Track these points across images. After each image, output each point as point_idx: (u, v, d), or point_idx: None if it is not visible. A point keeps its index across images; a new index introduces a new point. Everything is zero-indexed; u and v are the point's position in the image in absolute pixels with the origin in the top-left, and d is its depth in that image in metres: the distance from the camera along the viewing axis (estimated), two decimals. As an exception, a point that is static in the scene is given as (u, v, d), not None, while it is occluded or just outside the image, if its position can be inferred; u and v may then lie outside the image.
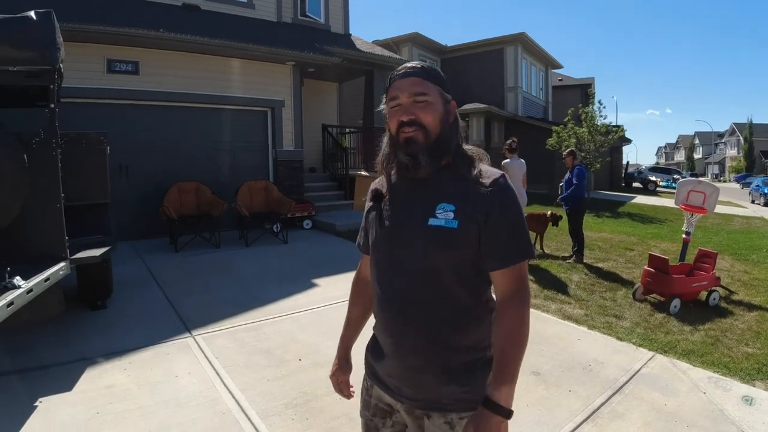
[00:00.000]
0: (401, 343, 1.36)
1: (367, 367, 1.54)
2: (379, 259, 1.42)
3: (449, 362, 1.32)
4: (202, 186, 8.65)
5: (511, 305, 1.29)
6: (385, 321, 1.40)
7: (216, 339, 4.27)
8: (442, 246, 1.28)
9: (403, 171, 1.37)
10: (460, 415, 1.33)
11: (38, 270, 3.63)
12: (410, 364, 1.35)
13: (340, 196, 11.88)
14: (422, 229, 1.30)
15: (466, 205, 1.29)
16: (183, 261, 7.16)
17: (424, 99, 1.32)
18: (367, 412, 1.55)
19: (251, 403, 3.22)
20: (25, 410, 3.10)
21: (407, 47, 20.26)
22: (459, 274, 1.31)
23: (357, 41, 13.09)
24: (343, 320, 1.77)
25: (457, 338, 1.32)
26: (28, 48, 3.82)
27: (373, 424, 1.53)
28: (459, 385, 1.32)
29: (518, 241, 1.31)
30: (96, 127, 6.19)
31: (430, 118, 1.32)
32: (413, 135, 1.31)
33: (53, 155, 4.00)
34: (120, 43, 8.27)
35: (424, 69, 1.37)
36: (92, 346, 4.09)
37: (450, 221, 1.28)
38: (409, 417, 1.41)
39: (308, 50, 10.31)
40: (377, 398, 1.50)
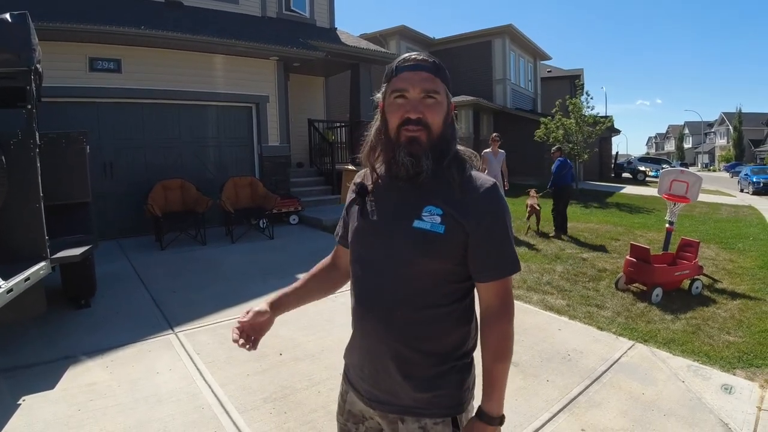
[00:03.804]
0: (375, 346, 1.33)
1: (345, 371, 1.52)
2: (360, 257, 1.38)
3: (424, 368, 1.30)
4: (187, 183, 8.64)
5: (497, 320, 1.29)
6: (360, 322, 1.37)
7: (198, 335, 4.30)
8: (426, 250, 1.25)
9: (397, 170, 1.29)
10: (434, 420, 1.31)
11: (18, 270, 3.64)
12: (384, 368, 1.32)
13: (327, 191, 11.90)
14: (406, 231, 1.26)
15: (454, 210, 1.25)
16: (168, 258, 7.16)
17: (434, 98, 1.26)
18: (341, 417, 1.53)
19: (230, 397, 3.26)
20: (8, 409, 3.12)
21: (395, 40, 20.24)
22: (440, 280, 1.28)
23: (343, 35, 13.06)
24: (323, 315, 1.75)
25: (433, 344, 1.30)
26: (3, 50, 3.83)
27: (346, 428, 1.52)
28: (433, 391, 1.30)
29: (507, 254, 1.29)
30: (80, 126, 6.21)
31: (437, 118, 1.26)
32: (417, 135, 1.25)
33: (31, 155, 4.00)
34: (102, 41, 8.20)
35: (435, 64, 1.29)
36: (75, 345, 4.11)
37: (436, 225, 1.24)
38: (383, 420, 1.39)
39: (292, 45, 10.27)
40: (350, 404, 1.48)
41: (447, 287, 1.30)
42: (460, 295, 1.32)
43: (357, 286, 1.39)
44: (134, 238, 8.43)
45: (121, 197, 8.50)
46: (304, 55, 10.47)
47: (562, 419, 3.06)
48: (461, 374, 1.35)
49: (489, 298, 1.30)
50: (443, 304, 1.29)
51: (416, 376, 1.30)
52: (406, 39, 20.78)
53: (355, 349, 1.43)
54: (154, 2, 9.99)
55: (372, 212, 1.36)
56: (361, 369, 1.40)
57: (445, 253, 1.26)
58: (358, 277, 1.39)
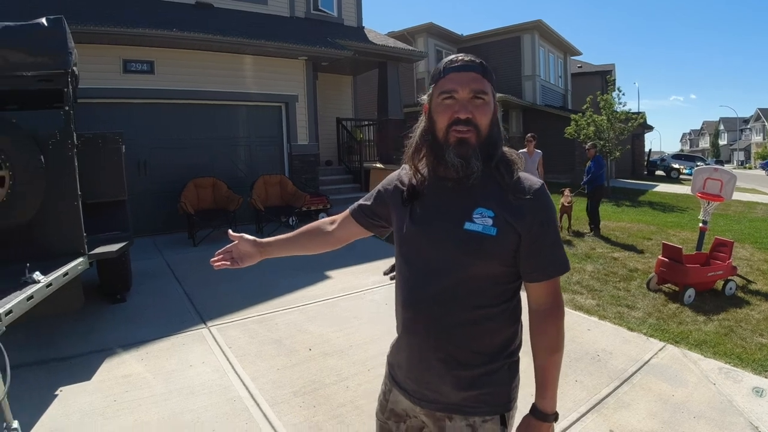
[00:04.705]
0: (424, 346, 1.34)
1: (388, 371, 1.54)
2: (408, 258, 1.39)
3: (473, 367, 1.31)
4: (219, 181, 8.82)
5: (549, 319, 1.33)
6: (409, 321, 1.38)
7: (229, 330, 4.40)
8: (478, 252, 1.26)
9: (446, 172, 1.30)
10: (483, 418, 1.33)
11: (57, 266, 3.77)
12: (432, 367, 1.34)
13: (355, 189, 11.96)
14: (457, 233, 1.27)
15: (505, 212, 1.26)
16: (200, 255, 7.29)
17: (482, 98, 1.27)
18: (382, 415, 1.55)
19: (261, 391, 3.33)
20: (46, 399, 3.26)
21: (422, 38, 20.16)
22: (490, 281, 1.29)
23: (370, 34, 13.09)
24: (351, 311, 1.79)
25: (482, 344, 1.32)
26: (41, 53, 3.97)
27: (387, 426, 1.54)
28: (481, 389, 1.32)
29: (558, 255, 1.32)
30: (115, 127, 6.39)
31: (486, 119, 1.27)
32: (467, 136, 1.25)
33: (69, 155, 4.14)
34: (135, 43, 8.45)
35: (482, 65, 1.30)
36: (111, 338, 4.25)
37: (488, 228, 1.25)
38: (430, 419, 1.41)
39: (320, 44, 10.35)
40: (394, 402, 1.49)
41: (497, 288, 1.31)
42: (509, 296, 1.35)
43: (405, 287, 1.40)
44: (167, 235, 8.64)
45: (155, 195, 8.72)
46: (332, 54, 10.55)
47: (590, 420, 3.04)
48: (509, 372, 1.37)
49: (540, 297, 1.33)
50: (493, 305, 1.31)
51: (465, 375, 1.32)
52: (434, 36, 20.69)
53: (402, 349, 1.44)
54: (185, 4, 10.19)
55: (420, 214, 1.37)
56: (409, 368, 1.42)
57: (497, 255, 1.27)
58: (406, 278, 1.40)
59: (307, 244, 1.71)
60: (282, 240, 1.71)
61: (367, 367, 3.65)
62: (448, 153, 1.27)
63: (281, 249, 1.71)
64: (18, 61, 3.88)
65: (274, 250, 1.70)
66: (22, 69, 3.93)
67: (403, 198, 1.42)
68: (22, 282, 3.40)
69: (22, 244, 4.03)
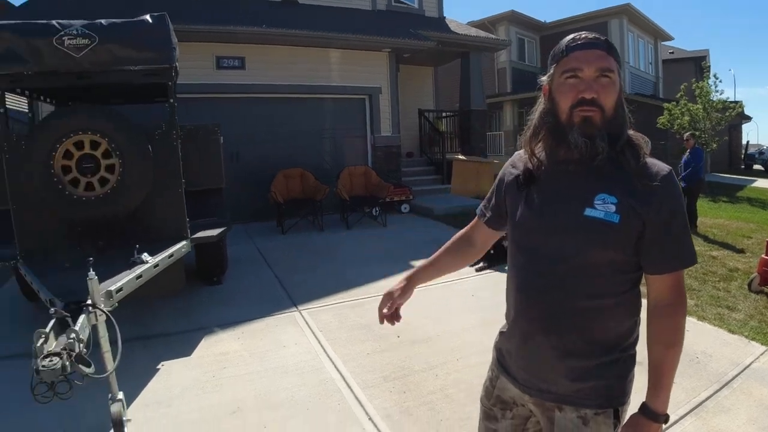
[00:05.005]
0: (539, 335, 1.30)
1: (496, 357, 1.51)
2: (523, 244, 1.34)
3: (588, 358, 1.26)
4: (306, 172, 9.09)
5: (670, 313, 1.24)
6: (522, 308, 1.34)
7: (320, 314, 4.51)
8: (598, 240, 1.20)
9: (569, 153, 1.25)
10: (595, 410, 1.27)
11: (163, 248, 4.04)
12: (545, 356, 1.29)
13: (437, 180, 11.89)
14: (577, 219, 1.21)
15: (630, 199, 1.18)
16: (289, 242, 7.60)
17: (608, 76, 1.20)
18: (487, 401, 1.52)
19: (352, 374, 3.38)
20: (149, 372, 3.49)
21: (503, 26, 19.66)
22: (610, 270, 1.23)
23: (451, 24, 12.91)
24: (439, 301, 1.78)
25: (598, 335, 1.26)
26: (147, 49, 4.22)
27: (492, 413, 1.51)
28: (595, 381, 1.26)
29: (685, 246, 1.23)
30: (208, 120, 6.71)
31: (611, 99, 1.21)
32: (592, 115, 1.19)
33: (174, 145, 4.41)
34: (227, 40, 8.89)
35: (607, 41, 1.24)
36: (209, 317, 4.50)
37: (610, 214, 1.18)
38: (539, 408, 1.37)
39: (403, 36, 10.37)
40: (501, 389, 1.47)
41: (616, 277, 1.24)
42: (628, 286, 1.27)
43: (520, 274, 1.36)
44: (257, 223, 9.01)
45: (245, 185, 9.11)
46: (415, 45, 10.53)
47: (689, 422, 2.85)
48: (625, 366, 1.30)
49: (662, 290, 1.25)
50: (611, 295, 1.24)
51: (579, 366, 1.27)
52: (516, 24, 20.11)
53: (513, 336, 1.40)
54: (272, 1, 10.56)
55: (536, 198, 1.31)
56: (519, 356, 1.38)
57: (618, 243, 1.20)
58: (521, 264, 1.35)
59: (451, 262, 1.69)
60: (426, 266, 1.68)
61: (455, 356, 3.61)
62: (571, 134, 1.21)
63: (428, 276, 1.68)
64: (125, 57, 4.14)
65: (422, 280, 1.67)
66: (129, 64, 4.19)
67: (518, 183, 1.37)
68: (131, 262, 3.67)
69: (131, 228, 4.35)
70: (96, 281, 2.80)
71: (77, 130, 4.10)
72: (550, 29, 21.41)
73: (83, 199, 4.13)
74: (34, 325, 4.43)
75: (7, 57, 3.92)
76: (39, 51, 3.92)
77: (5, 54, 3.91)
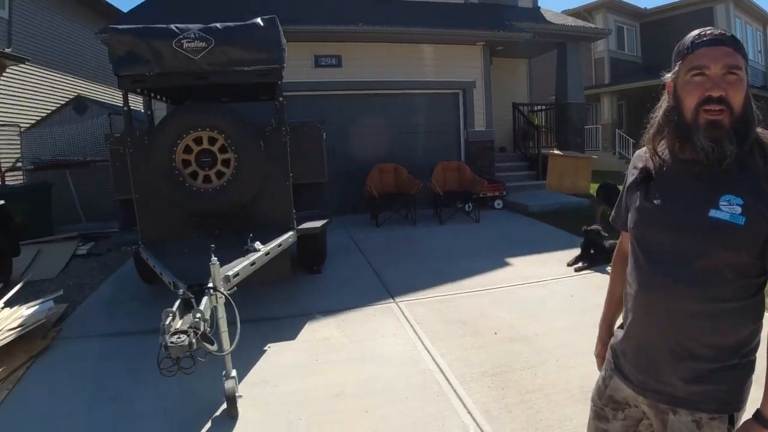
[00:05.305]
0: (656, 336, 1.30)
1: (610, 357, 1.50)
2: (644, 244, 1.33)
3: (706, 362, 1.24)
4: (400, 167, 9.23)
5: None
6: (640, 309, 1.33)
7: (416, 306, 4.59)
8: (723, 242, 1.17)
9: (693, 155, 1.22)
10: (710, 415, 1.25)
11: (272, 237, 4.30)
12: (662, 357, 1.29)
13: (531, 176, 11.58)
14: (700, 220, 1.19)
15: (757, 201, 1.14)
16: (383, 235, 7.78)
17: (736, 74, 1.16)
18: (599, 401, 1.53)
19: (450, 367, 3.43)
20: (257, 353, 3.75)
21: (601, 14, 18.65)
22: (733, 273, 1.19)
23: (546, 13, 12.47)
24: (536, 300, 1.78)
25: (718, 339, 1.23)
26: (259, 50, 4.47)
27: (603, 413, 1.51)
28: (712, 385, 1.24)
29: None
30: (305, 117, 7.01)
31: (739, 97, 1.17)
32: (719, 117, 1.16)
33: (283, 141, 4.67)
34: (325, 39, 9.23)
35: (734, 38, 1.20)
36: (310, 304, 4.74)
37: (736, 216, 1.15)
38: (652, 410, 1.36)
39: (498, 28, 10.21)
40: (613, 389, 1.47)
41: (739, 281, 1.21)
42: (752, 291, 1.23)
43: (638, 273, 1.35)
44: (352, 216, 9.28)
45: (341, 179, 9.38)
46: (510, 38, 10.31)
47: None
48: (744, 371, 1.27)
49: None
50: (734, 299, 1.21)
51: (696, 369, 1.25)
52: (614, 11, 19.00)
53: (631, 337, 1.40)
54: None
55: (658, 198, 1.30)
56: (636, 357, 1.37)
57: (743, 246, 1.17)
58: (640, 264, 1.34)
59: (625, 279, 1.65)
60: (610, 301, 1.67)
61: (554, 356, 3.54)
62: (697, 136, 1.18)
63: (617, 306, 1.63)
64: (239, 58, 4.42)
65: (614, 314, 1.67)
66: (242, 65, 4.46)
67: (637, 181, 1.37)
68: (245, 250, 3.95)
69: (243, 218, 4.66)
70: (218, 266, 3.06)
71: (197, 127, 4.46)
72: (650, 16, 20.07)
73: (201, 190, 4.49)
74: (154, 305, 4.94)
75: (130, 59, 4.29)
76: (160, 53, 4.26)
77: (129, 56, 4.28)
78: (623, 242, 1.58)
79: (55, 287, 5.49)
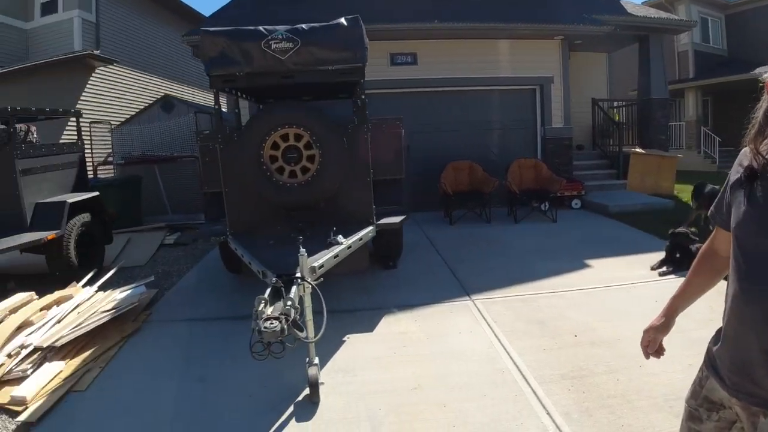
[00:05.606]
0: (753, 338, 1.27)
1: (707, 358, 1.48)
2: (745, 246, 1.30)
3: None
4: (475, 164, 9.15)
5: None
6: (738, 309, 1.30)
7: (492, 305, 4.59)
8: None
9: None
10: None
11: (352, 231, 4.43)
12: (758, 360, 1.26)
13: (612, 175, 11.10)
14: None
15: None
16: (457, 232, 7.79)
17: None
18: (693, 401, 1.52)
19: (529, 367, 3.41)
20: (336, 343, 3.89)
21: (683, 5, 17.52)
22: None
23: (627, 5, 11.87)
24: (617, 304, 1.76)
25: None
26: (344, 49, 4.59)
27: (697, 414, 1.50)
28: None
29: None
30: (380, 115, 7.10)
31: None
32: None
33: (364, 138, 4.79)
34: (400, 37, 9.29)
35: None
36: (387, 298, 4.85)
37: None
38: (745, 413, 1.34)
39: (577, 22, 9.87)
40: (709, 390, 1.45)
41: None
42: None
43: (738, 274, 1.32)
44: (425, 213, 9.30)
45: (415, 176, 9.41)
46: (590, 31, 9.95)
47: None
48: None
49: None
50: None
51: None
52: (698, 2, 17.78)
53: (728, 338, 1.37)
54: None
55: (761, 199, 1.26)
56: (731, 358, 1.35)
57: None
58: (739, 265, 1.31)
59: (703, 282, 1.63)
60: (679, 294, 1.66)
61: (638, 363, 3.43)
62: None
63: (684, 302, 1.66)
64: (324, 57, 4.56)
65: (678, 309, 1.67)
66: (327, 64, 4.60)
67: (741, 181, 1.32)
68: (329, 243, 4.10)
69: (326, 212, 4.83)
70: (306, 257, 3.21)
71: (284, 124, 4.66)
72: (736, 7, 18.60)
73: (287, 185, 4.71)
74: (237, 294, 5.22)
75: (222, 60, 4.52)
76: (250, 54, 4.47)
77: (221, 57, 4.51)
78: (715, 239, 1.55)
79: (145, 274, 5.93)
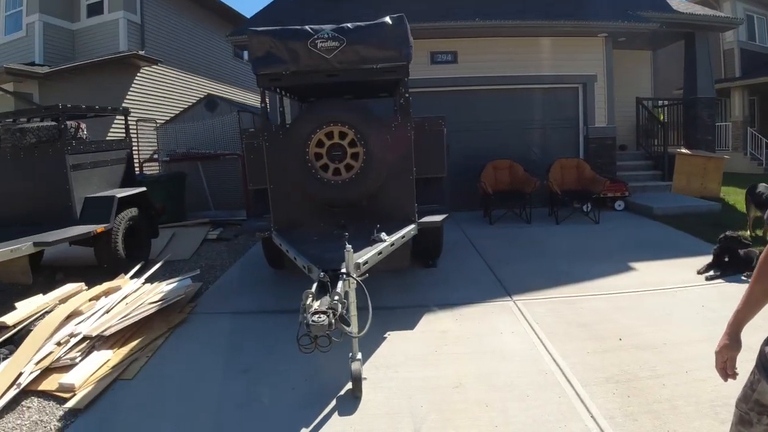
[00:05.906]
0: None
1: (759, 361, 1.47)
2: None
3: None
4: (515, 164, 9.07)
5: None
6: None
7: (533, 306, 4.56)
8: None
9: None
10: None
11: (395, 229, 4.46)
12: None
13: (656, 176, 10.82)
14: None
15: None
16: (497, 232, 7.76)
17: None
18: (744, 405, 1.51)
19: (572, 370, 3.38)
20: (377, 340, 3.93)
21: (729, 2, 16.84)
22: None
23: (672, 2, 11.53)
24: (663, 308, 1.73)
25: None
26: (389, 48, 4.60)
27: (747, 417, 1.50)
28: None
29: None
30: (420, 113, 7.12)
31: None
32: None
33: (408, 136, 4.81)
34: (441, 36, 9.27)
35: None
36: (427, 297, 4.87)
37: None
38: None
39: (621, 19, 9.66)
40: (761, 393, 1.45)
41: None
42: None
43: None
44: (465, 212, 9.27)
45: (454, 175, 9.34)
46: (634, 28, 9.73)
47: None
48: None
49: None
50: None
51: None
52: (745, -1, 17.19)
53: None
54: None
55: None
56: None
57: None
58: None
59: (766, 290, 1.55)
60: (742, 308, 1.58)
61: (684, 368, 3.37)
62: None
63: (747, 315, 1.58)
64: (369, 56, 4.58)
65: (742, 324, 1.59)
66: (372, 63, 4.62)
67: None
68: (372, 240, 4.15)
69: (368, 210, 4.87)
70: (352, 253, 3.26)
71: (329, 122, 4.73)
72: None
73: (332, 182, 4.77)
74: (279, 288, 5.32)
75: (268, 59, 4.58)
76: (296, 53, 4.52)
77: (267, 56, 4.58)
78: None
79: (190, 267, 6.11)
